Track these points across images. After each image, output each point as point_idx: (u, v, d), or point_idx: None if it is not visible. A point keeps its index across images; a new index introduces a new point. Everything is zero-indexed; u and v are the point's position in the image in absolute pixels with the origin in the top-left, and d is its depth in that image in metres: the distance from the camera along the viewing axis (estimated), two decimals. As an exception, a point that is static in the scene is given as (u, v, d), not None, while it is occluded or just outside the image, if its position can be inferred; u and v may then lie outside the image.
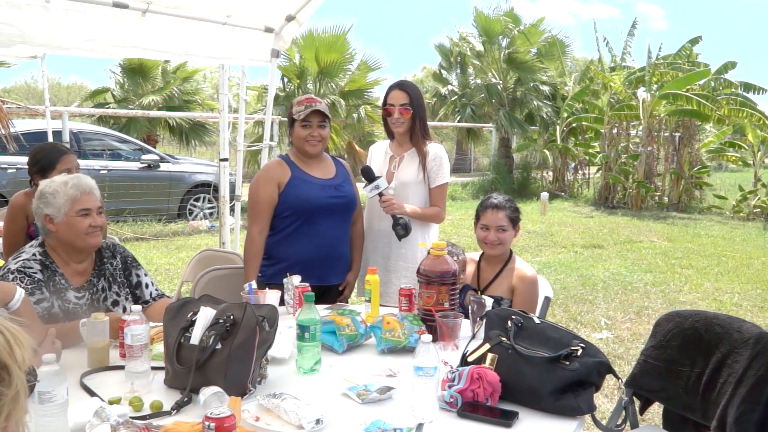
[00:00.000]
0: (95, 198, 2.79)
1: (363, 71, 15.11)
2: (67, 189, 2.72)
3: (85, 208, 2.72)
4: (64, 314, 2.67)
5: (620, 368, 4.86)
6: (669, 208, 15.27)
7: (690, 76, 14.67)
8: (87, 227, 2.72)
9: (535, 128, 18.68)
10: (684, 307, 6.39)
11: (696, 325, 2.57)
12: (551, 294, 3.55)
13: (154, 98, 15.26)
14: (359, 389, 2.12)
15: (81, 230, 2.71)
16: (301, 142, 3.46)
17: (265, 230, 3.46)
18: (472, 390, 2.01)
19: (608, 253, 9.83)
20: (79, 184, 2.76)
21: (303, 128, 3.44)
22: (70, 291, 2.73)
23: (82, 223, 2.71)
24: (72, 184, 2.74)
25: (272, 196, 3.42)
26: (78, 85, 35.78)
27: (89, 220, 2.73)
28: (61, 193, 2.71)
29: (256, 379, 2.15)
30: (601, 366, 2.10)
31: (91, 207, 2.75)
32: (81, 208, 2.72)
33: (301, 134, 3.45)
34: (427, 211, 3.65)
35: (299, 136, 3.45)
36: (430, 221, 3.70)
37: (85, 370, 2.29)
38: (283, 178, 3.44)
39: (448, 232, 10.87)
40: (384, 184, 3.51)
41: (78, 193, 2.73)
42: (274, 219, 3.46)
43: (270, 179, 3.44)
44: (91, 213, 2.74)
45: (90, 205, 2.74)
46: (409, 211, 3.54)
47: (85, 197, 2.74)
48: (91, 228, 2.73)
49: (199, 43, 4.72)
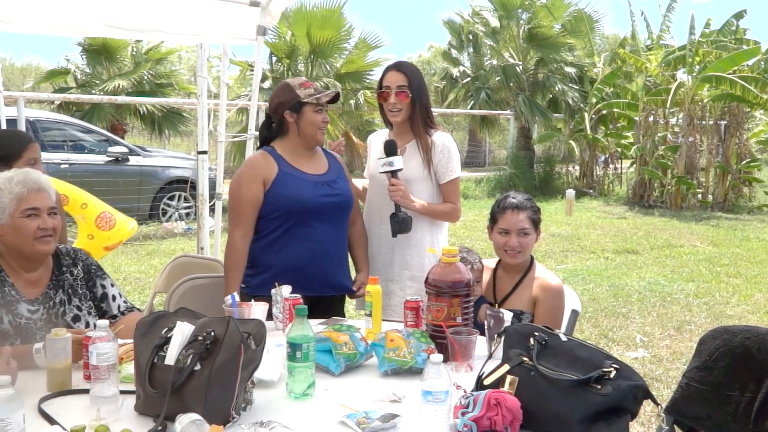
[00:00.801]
0: (47, 197, 2.75)
1: (361, 50, 15.12)
2: (12, 186, 2.69)
3: (32, 207, 2.69)
4: (15, 331, 2.66)
5: (659, 392, 4.86)
6: (714, 208, 15.28)
7: (737, 56, 14.66)
8: (35, 230, 2.68)
9: (559, 116, 18.69)
10: (732, 322, 6.39)
11: (746, 343, 2.56)
12: (579, 307, 3.55)
13: (122, 82, 15.28)
14: (359, 417, 2.11)
15: (28, 234, 2.67)
16: (314, 129, 3.48)
17: (249, 234, 3.46)
18: (489, 418, 2.01)
19: (644, 259, 9.82)
20: (27, 180, 2.72)
21: (317, 113, 3.46)
22: (22, 303, 2.71)
23: (29, 225, 2.67)
24: (18, 180, 2.70)
25: (257, 196, 3.42)
26: (34, 66, 35.88)
27: (38, 222, 2.69)
28: (5, 190, 2.68)
29: (241, 404, 2.15)
30: (637, 390, 2.10)
31: (40, 207, 2.71)
32: (28, 207, 2.68)
33: (315, 119, 3.46)
34: (441, 207, 3.65)
35: (314, 121, 3.46)
36: (445, 220, 3.72)
37: (44, 394, 2.29)
38: (269, 174, 3.44)
39: (459, 235, 10.87)
40: (400, 163, 3.51)
41: (25, 191, 2.69)
42: (260, 221, 3.46)
43: (254, 176, 3.44)
44: (40, 214, 2.70)
45: (38, 204, 2.70)
46: (419, 206, 3.54)
47: (33, 195, 2.71)
48: (40, 231, 2.69)
49: (173, 19, 4.72)
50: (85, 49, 15.84)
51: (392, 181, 3.50)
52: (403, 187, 3.50)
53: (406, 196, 3.51)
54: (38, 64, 36.07)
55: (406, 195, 3.51)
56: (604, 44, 21.38)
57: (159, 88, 16.27)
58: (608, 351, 2.37)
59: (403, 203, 3.50)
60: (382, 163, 3.52)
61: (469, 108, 19.12)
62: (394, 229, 3.50)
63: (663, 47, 17.09)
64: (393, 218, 3.49)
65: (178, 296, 3.69)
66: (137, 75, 15.79)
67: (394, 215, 3.49)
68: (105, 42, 15.44)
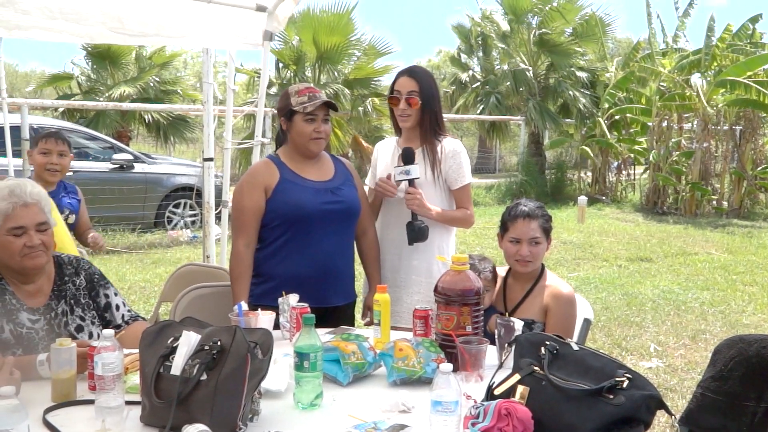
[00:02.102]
0: (35, 212, 2.71)
1: (370, 56, 15.16)
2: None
3: (17, 226, 2.65)
4: (16, 340, 2.67)
5: (673, 403, 4.84)
6: (729, 215, 15.21)
7: (752, 60, 14.61)
8: (21, 248, 2.66)
9: (570, 121, 18.67)
10: (748, 331, 6.36)
11: (763, 352, 2.55)
12: (591, 315, 3.54)
13: (127, 89, 15.35)
14: (367, 427, 2.12)
15: (14, 251, 2.66)
16: (304, 139, 3.45)
17: (253, 243, 3.46)
18: (499, 428, 2.01)
19: (658, 267, 9.79)
20: (13, 194, 2.67)
21: (307, 123, 3.43)
22: (23, 312, 2.72)
23: (14, 243, 2.65)
24: (3, 195, 2.66)
25: (258, 204, 3.43)
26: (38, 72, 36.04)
27: (23, 240, 2.66)
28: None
29: (247, 415, 2.15)
30: (650, 400, 2.09)
31: (26, 225, 2.67)
32: (12, 226, 2.65)
33: (305, 130, 3.44)
34: (455, 213, 3.69)
35: (302, 132, 3.44)
36: (459, 225, 3.76)
37: (48, 405, 2.30)
38: (271, 182, 3.44)
39: (469, 242, 10.87)
40: (416, 172, 3.53)
41: (10, 207, 2.65)
42: (262, 230, 3.46)
43: (255, 184, 3.45)
44: (26, 231, 2.67)
45: (24, 223, 2.67)
46: (435, 213, 3.56)
47: (19, 212, 2.67)
48: (27, 249, 2.67)
49: (178, 24, 4.74)
50: (89, 53, 15.89)
51: (409, 190, 3.52)
52: (420, 195, 3.51)
53: (423, 204, 3.52)
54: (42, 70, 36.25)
55: (423, 203, 3.52)
56: (616, 48, 21.35)
57: (164, 94, 16.33)
58: (621, 360, 2.36)
59: (420, 212, 3.52)
60: (399, 171, 3.54)
61: (479, 113, 19.12)
62: (411, 237, 3.51)
63: (676, 51, 17.04)
64: (409, 227, 3.51)
65: (184, 305, 3.70)
66: (143, 81, 15.85)
67: (410, 224, 3.51)
68: (110, 46, 15.50)
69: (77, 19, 4.32)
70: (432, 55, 40.26)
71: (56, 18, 4.24)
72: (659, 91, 16.03)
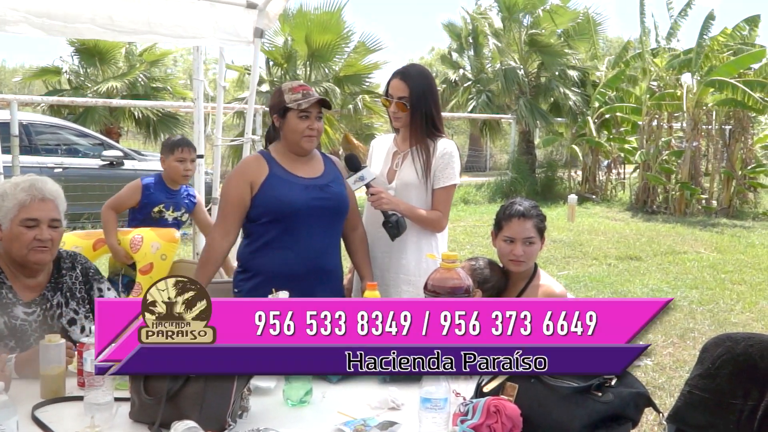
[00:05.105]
0: (51, 208, 2.76)
1: (360, 53, 15.11)
2: (17, 192, 2.70)
3: (31, 218, 2.70)
4: (10, 332, 2.68)
5: (661, 400, 4.86)
6: (718, 214, 15.28)
7: (741, 59, 14.68)
8: (31, 240, 2.69)
9: (561, 120, 18.67)
10: (736, 329, 6.38)
11: (750, 351, 2.57)
12: (581, 314, 3.54)
13: (115, 84, 15.26)
14: (357, 424, 2.12)
15: (23, 243, 2.69)
16: (297, 137, 3.44)
17: (231, 235, 3.47)
18: (488, 425, 2.02)
19: (647, 265, 9.83)
20: (32, 188, 2.73)
21: (301, 120, 3.41)
22: (18, 306, 2.74)
23: (25, 235, 2.69)
24: (23, 187, 2.72)
25: (242, 197, 3.42)
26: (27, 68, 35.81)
27: (35, 233, 2.70)
28: (10, 195, 2.70)
29: (237, 412, 2.15)
30: (638, 398, 2.11)
31: (40, 218, 2.72)
32: (27, 217, 2.69)
33: (298, 127, 3.42)
34: (425, 213, 3.59)
35: (296, 129, 3.43)
36: (426, 227, 3.62)
37: (37, 401, 2.30)
38: (258, 178, 3.42)
39: (460, 241, 10.87)
40: (370, 174, 3.50)
41: (28, 199, 2.71)
42: (251, 226, 3.46)
43: (242, 178, 3.44)
44: (39, 224, 2.71)
45: (39, 215, 2.71)
46: (403, 207, 3.52)
47: (35, 205, 2.72)
48: (36, 242, 2.70)
49: (168, 21, 4.72)
50: (77, 49, 15.79)
51: (370, 192, 3.48)
52: (383, 193, 3.48)
53: (390, 199, 3.49)
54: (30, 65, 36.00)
55: (390, 199, 3.49)
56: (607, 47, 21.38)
57: (154, 91, 16.24)
58: (609, 358, 2.37)
59: (390, 207, 3.48)
60: (353, 181, 3.50)
61: (470, 112, 19.12)
62: (392, 234, 3.48)
63: (668, 51, 17.07)
64: (386, 225, 3.47)
65: (174, 302, 3.69)
66: (131, 77, 15.75)
67: (385, 222, 3.47)
68: (97, 42, 15.40)
69: (66, 15, 4.30)
70: (425, 53, 40.28)
71: (45, 14, 4.22)
72: (650, 90, 16.06)
